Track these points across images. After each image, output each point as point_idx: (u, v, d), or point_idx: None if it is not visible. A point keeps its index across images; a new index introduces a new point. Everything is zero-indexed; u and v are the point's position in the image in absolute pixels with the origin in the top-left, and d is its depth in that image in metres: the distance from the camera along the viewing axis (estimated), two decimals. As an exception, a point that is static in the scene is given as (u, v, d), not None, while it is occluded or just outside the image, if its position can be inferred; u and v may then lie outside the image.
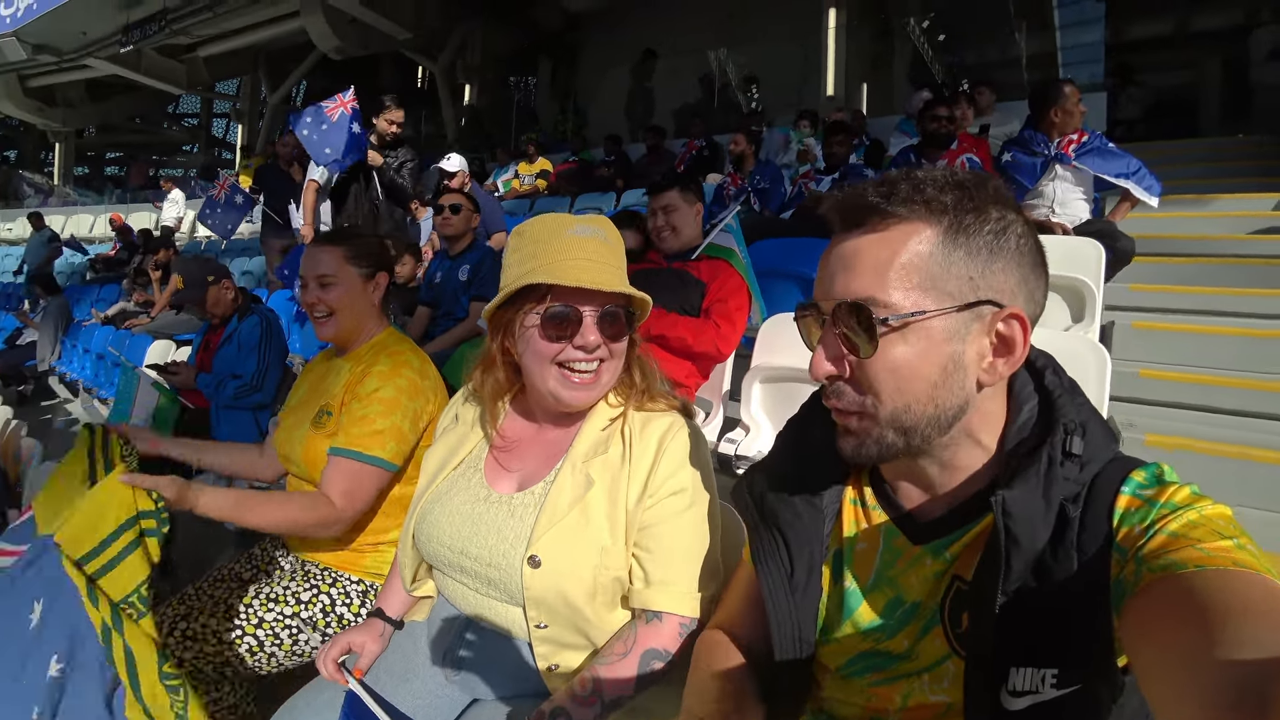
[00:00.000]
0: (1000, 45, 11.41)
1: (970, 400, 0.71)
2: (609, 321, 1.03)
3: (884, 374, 0.69)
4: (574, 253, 1.01)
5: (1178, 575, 0.55)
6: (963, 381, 0.70)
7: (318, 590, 1.51)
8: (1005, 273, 0.69)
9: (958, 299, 0.68)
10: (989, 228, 0.69)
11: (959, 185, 0.70)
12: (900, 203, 0.69)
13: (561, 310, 1.01)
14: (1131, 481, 0.67)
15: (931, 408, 0.70)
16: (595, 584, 0.99)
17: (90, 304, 7.99)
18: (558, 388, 1.04)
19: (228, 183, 6.42)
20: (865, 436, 0.73)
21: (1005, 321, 0.69)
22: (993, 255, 0.69)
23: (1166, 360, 3.04)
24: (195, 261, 3.39)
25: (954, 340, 0.68)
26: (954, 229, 0.68)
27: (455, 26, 12.73)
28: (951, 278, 0.68)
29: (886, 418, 0.71)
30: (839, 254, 0.73)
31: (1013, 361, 0.70)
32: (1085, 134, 3.56)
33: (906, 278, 0.68)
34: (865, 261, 0.70)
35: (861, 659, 0.81)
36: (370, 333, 1.67)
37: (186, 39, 13.46)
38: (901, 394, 0.69)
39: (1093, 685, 0.66)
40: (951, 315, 0.68)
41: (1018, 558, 0.65)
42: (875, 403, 0.71)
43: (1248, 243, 4.14)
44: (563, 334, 1.02)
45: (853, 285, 0.70)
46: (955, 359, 0.69)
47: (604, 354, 1.04)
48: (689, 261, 2.60)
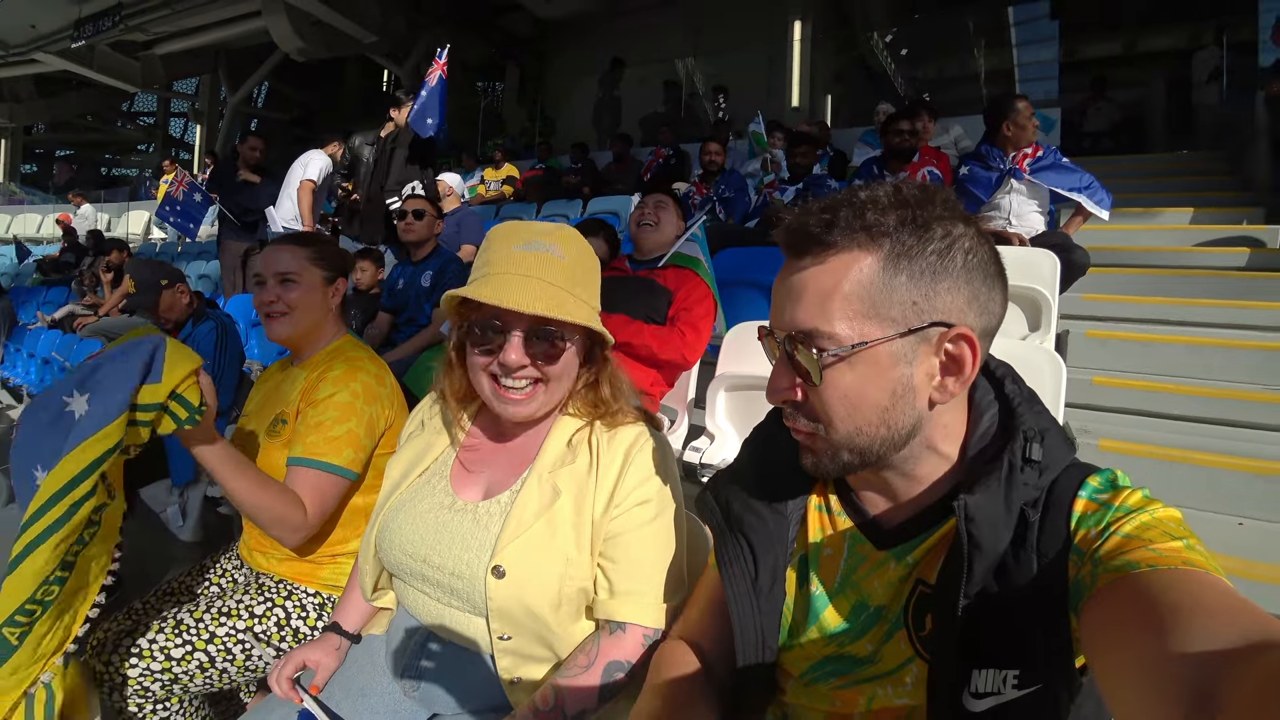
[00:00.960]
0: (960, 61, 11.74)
1: (923, 418, 0.72)
2: (539, 341, 0.99)
3: (833, 402, 0.71)
4: (515, 267, 0.98)
5: (1132, 575, 0.57)
6: (913, 402, 0.71)
7: (272, 604, 1.46)
8: (952, 292, 0.69)
9: (901, 325, 0.69)
10: (932, 248, 0.69)
11: (903, 204, 0.70)
12: (840, 232, 0.70)
13: (486, 324, 1.00)
14: (1088, 486, 0.69)
15: (884, 430, 0.71)
16: (560, 595, 0.98)
17: (36, 306, 7.69)
18: (491, 398, 1.03)
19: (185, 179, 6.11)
20: (822, 455, 0.75)
21: (953, 341, 0.70)
22: (937, 276, 0.69)
23: (1118, 368, 3.14)
24: (148, 264, 3.28)
25: (901, 364, 0.69)
26: (895, 254, 0.68)
27: (422, 32, 12.59)
28: (894, 304, 0.68)
29: (839, 441, 0.73)
30: (786, 284, 0.74)
31: (963, 380, 0.70)
32: (1040, 149, 3.67)
33: (849, 307, 0.69)
34: (809, 293, 0.71)
35: (825, 664, 0.81)
36: (327, 339, 1.64)
37: (143, 35, 13.07)
38: (851, 419, 0.71)
39: (1053, 686, 0.67)
40: (896, 341, 0.69)
41: (980, 561, 0.67)
42: (827, 429, 0.73)
43: (1194, 254, 4.30)
44: (488, 348, 1.01)
45: (798, 316, 0.71)
46: (904, 382, 0.70)
47: (534, 374, 1.01)
48: (655, 269, 2.61)
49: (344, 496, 1.48)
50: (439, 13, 12.52)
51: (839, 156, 6.38)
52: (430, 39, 12.63)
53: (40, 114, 17.83)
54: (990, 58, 11.32)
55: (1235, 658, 0.45)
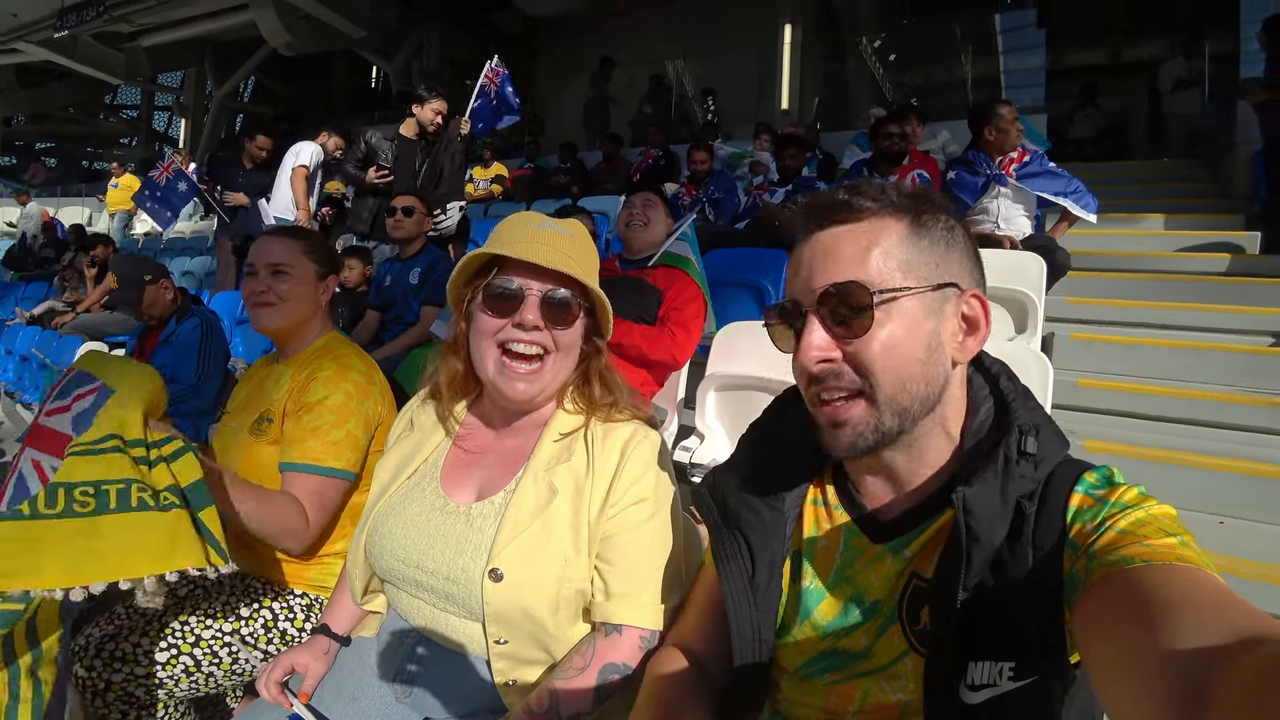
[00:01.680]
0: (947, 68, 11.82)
1: (949, 379, 0.76)
2: (555, 307, 1.01)
3: (879, 351, 0.72)
4: (532, 237, 1.01)
5: (1125, 570, 0.58)
6: (943, 359, 0.75)
7: (259, 605, 1.44)
8: (961, 262, 0.77)
9: (929, 280, 0.74)
10: (942, 224, 0.77)
11: (914, 193, 0.78)
12: (870, 199, 0.76)
13: (505, 284, 1.00)
14: (1084, 482, 0.70)
15: (923, 385, 0.74)
16: (558, 597, 0.97)
17: (14, 302, 7.56)
18: (496, 375, 1.02)
19: (171, 166, 5.93)
20: (863, 426, 0.75)
21: (968, 302, 0.76)
22: (949, 246, 0.77)
23: (1103, 370, 3.19)
24: (131, 260, 3.24)
25: (931, 317, 0.74)
26: (916, 223, 0.76)
27: (411, 28, 12.50)
28: (921, 263, 0.75)
29: (885, 398, 0.73)
30: (817, 247, 0.77)
31: (980, 338, 0.77)
32: (1027, 154, 3.71)
33: (886, 260, 0.74)
34: (845, 250, 0.75)
35: (820, 659, 0.82)
36: (313, 335, 1.62)
37: (127, 26, 12.87)
38: (896, 372, 0.73)
39: (1048, 678, 0.68)
40: (927, 294, 0.74)
41: (978, 553, 0.68)
42: (874, 382, 0.73)
43: (1176, 260, 4.37)
44: (504, 310, 1.00)
45: (839, 270, 0.74)
46: (935, 336, 0.74)
47: (547, 341, 1.02)
48: (645, 269, 2.61)
49: (344, 499, 1.47)
50: (429, 8, 12.44)
51: (828, 159, 6.40)
52: (419, 35, 12.56)
53: (20, 105, 17.53)
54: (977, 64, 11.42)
55: (1226, 653, 0.46)
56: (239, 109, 17.72)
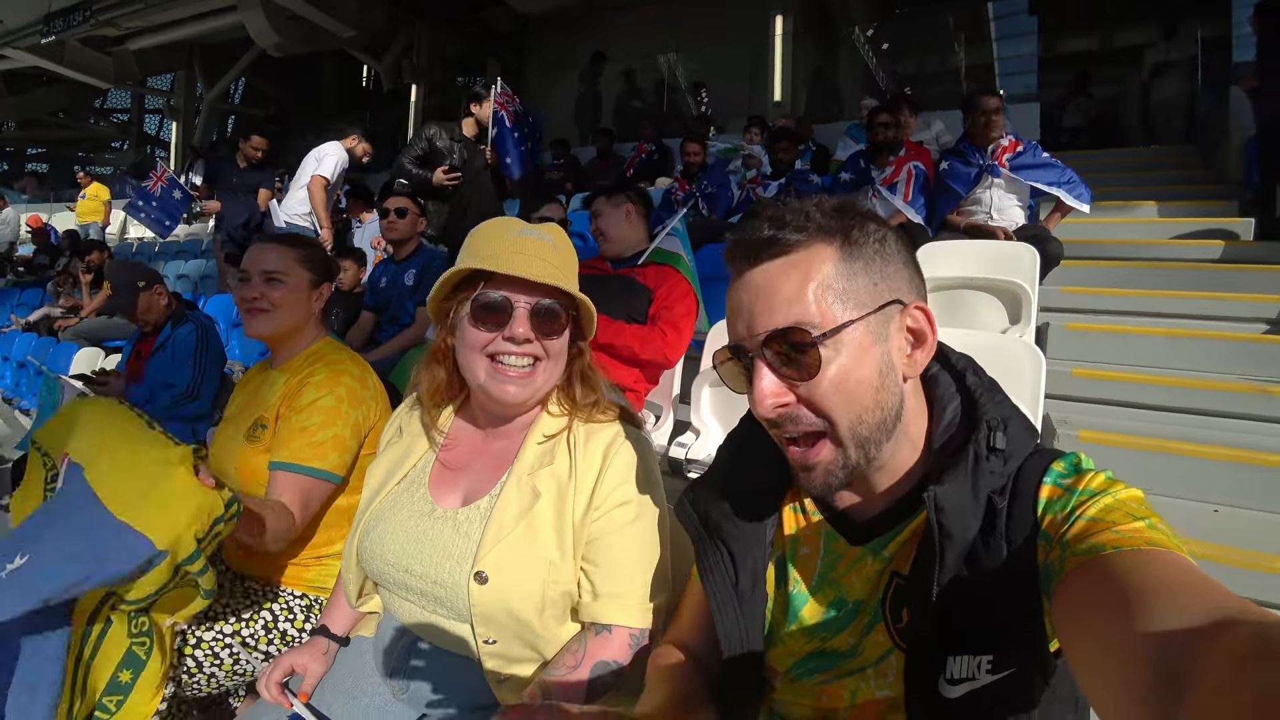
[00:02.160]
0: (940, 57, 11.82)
1: (904, 396, 0.75)
2: (544, 317, 1.01)
3: (832, 390, 0.72)
4: (515, 247, 1.01)
5: (1098, 558, 0.59)
6: (895, 380, 0.74)
7: (259, 606, 1.45)
8: (898, 275, 0.75)
9: (869, 305, 0.73)
10: (872, 239, 0.75)
11: (837, 209, 0.75)
12: (794, 230, 0.73)
13: (493, 298, 1.00)
14: (1052, 472, 0.71)
15: (879, 412, 0.73)
16: (544, 599, 0.98)
17: (10, 308, 7.54)
18: (487, 381, 1.02)
19: (165, 175, 5.88)
20: (833, 466, 0.75)
21: (911, 315, 0.75)
22: (884, 260, 0.75)
23: (1098, 360, 3.19)
24: (125, 266, 3.23)
25: (878, 342, 0.73)
26: (848, 243, 0.74)
27: (401, 26, 12.43)
28: (859, 287, 0.73)
29: (845, 433, 0.73)
30: (750, 288, 0.75)
31: (928, 349, 0.76)
32: (1020, 143, 3.71)
33: (822, 296, 0.72)
34: (781, 288, 0.73)
35: (809, 660, 0.83)
36: (306, 341, 1.62)
37: (115, 30, 12.76)
38: (852, 405, 0.72)
39: (1026, 669, 0.68)
40: (869, 319, 0.72)
41: (951, 550, 0.68)
42: (832, 420, 0.73)
43: (1169, 247, 4.37)
44: (493, 323, 1.00)
45: (777, 315, 0.72)
46: (885, 359, 0.73)
47: (538, 351, 1.03)
48: (635, 267, 2.59)
49: (328, 499, 1.47)
50: (418, 7, 12.37)
51: (821, 151, 6.39)
52: (409, 34, 12.50)
53: (9, 112, 17.40)
54: (970, 53, 11.42)
55: (1200, 636, 0.46)
56: (230, 110, 17.61)
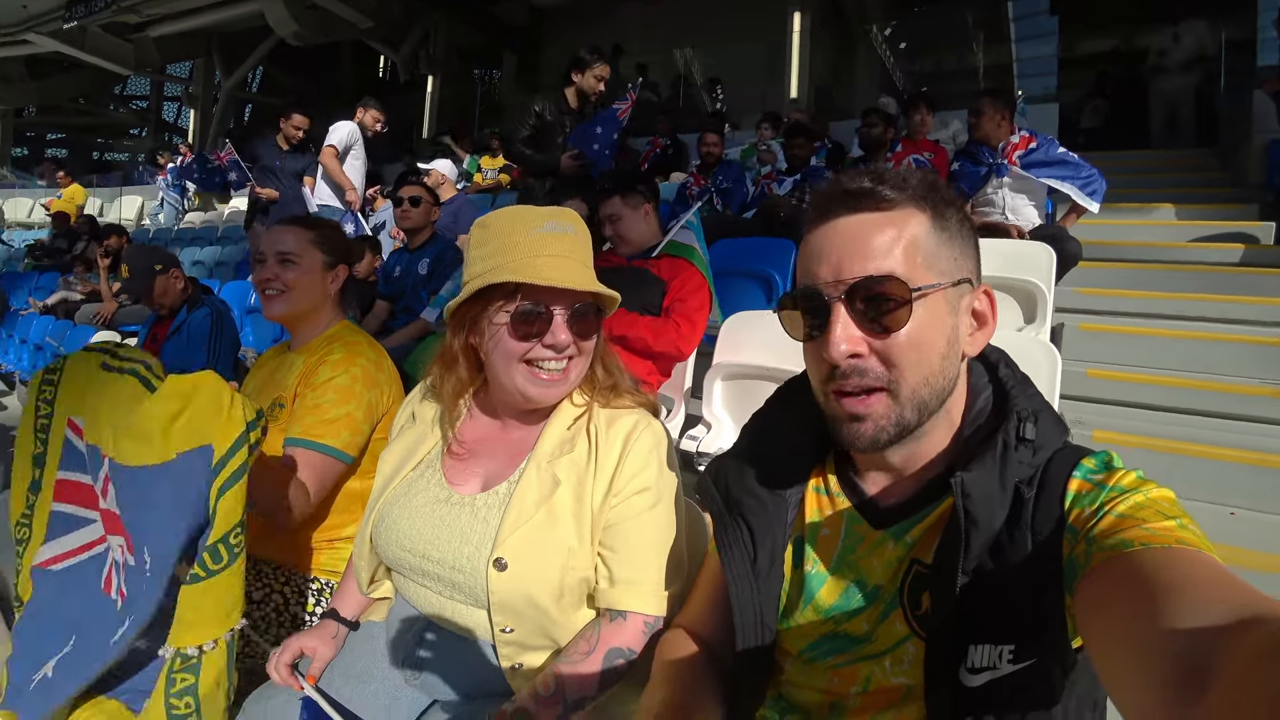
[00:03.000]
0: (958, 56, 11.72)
1: (959, 372, 0.76)
2: (579, 320, 1.02)
3: (907, 347, 0.72)
4: (544, 249, 0.99)
5: (1125, 554, 0.58)
6: (958, 353, 0.76)
7: (270, 589, 1.46)
8: (972, 256, 0.77)
9: (950, 275, 0.74)
10: (956, 216, 0.76)
11: (927, 183, 0.76)
12: (894, 189, 0.74)
13: (532, 309, 0.99)
14: (1083, 467, 0.70)
15: (941, 380, 0.74)
16: (562, 585, 0.98)
17: (28, 292, 7.62)
18: (526, 385, 1.02)
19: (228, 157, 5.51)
20: (884, 421, 0.74)
21: (979, 297, 0.77)
22: (964, 239, 0.77)
23: (1113, 361, 3.17)
24: (142, 250, 3.26)
25: (951, 313, 0.74)
26: (937, 215, 0.75)
27: (418, 18, 12.47)
28: (943, 257, 0.74)
29: (908, 392, 0.73)
30: (844, 234, 0.74)
31: (987, 333, 0.78)
32: (1033, 140, 3.63)
33: (915, 255, 0.73)
34: (875, 241, 0.73)
35: (823, 642, 0.82)
36: (324, 324, 1.64)
37: (135, 17, 12.86)
38: (921, 366, 0.73)
39: (1047, 661, 0.68)
40: (948, 290, 0.74)
41: (976, 538, 0.68)
42: (899, 376, 0.72)
43: (1188, 250, 4.33)
44: (532, 332, 1.00)
45: (871, 263, 0.72)
46: (954, 331, 0.75)
47: (573, 352, 1.03)
48: (649, 259, 2.59)
49: (339, 480, 1.48)
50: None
51: (836, 148, 6.35)
52: (426, 24, 12.53)
53: (31, 97, 17.58)
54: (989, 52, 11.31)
55: (1226, 633, 0.46)
56: (247, 99, 17.74)
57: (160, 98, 20.68)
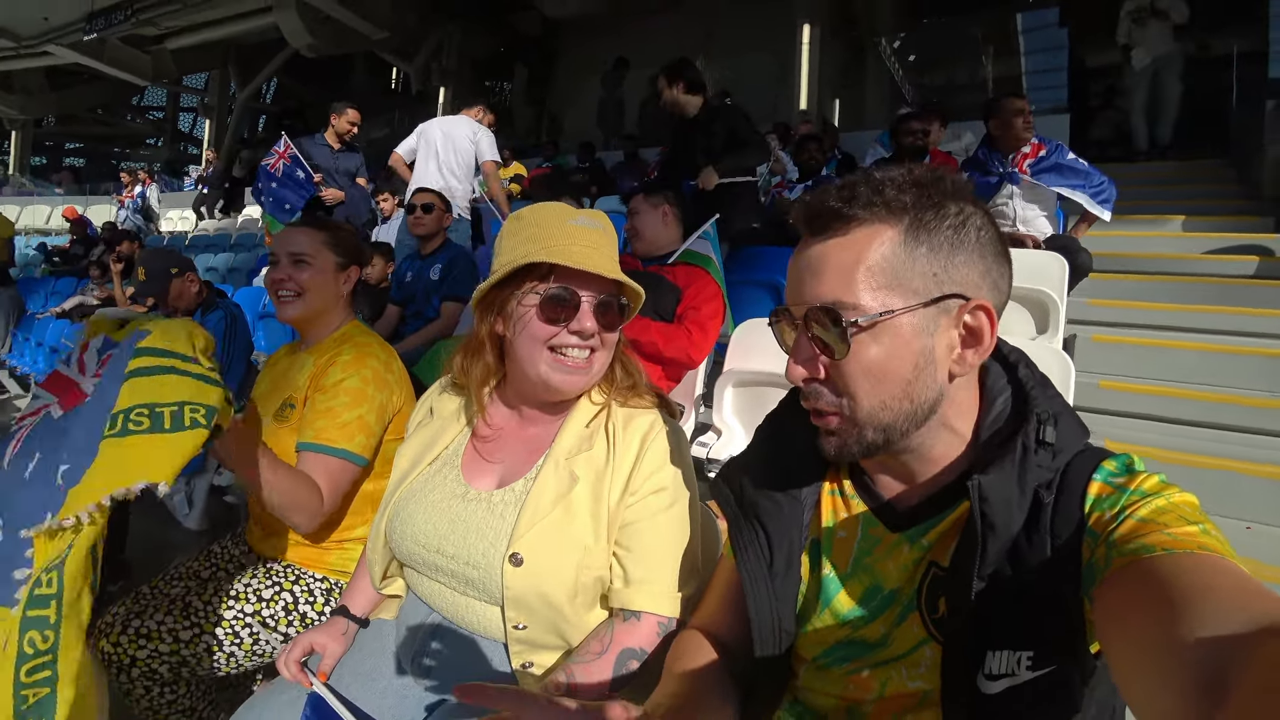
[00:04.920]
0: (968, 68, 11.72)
1: (943, 392, 0.73)
2: (605, 310, 1.02)
3: (858, 375, 0.71)
4: (577, 239, 1.01)
5: (1145, 559, 0.57)
6: (934, 375, 0.71)
7: (280, 588, 1.47)
8: (968, 265, 0.71)
9: (923, 295, 0.70)
10: (948, 223, 0.71)
11: (917, 184, 0.72)
12: (861, 206, 0.71)
13: (561, 292, 1.00)
14: (1103, 470, 0.69)
15: (908, 404, 0.71)
16: (577, 584, 0.97)
17: (45, 296, 7.72)
18: (549, 372, 1.02)
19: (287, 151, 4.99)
20: (846, 437, 0.74)
21: (972, 313, 0.71)
22: (954, 249, 0.71)
23: (1126, 373, 3.14)
24: (158, 253, 3.29)
25: (923, 335, 0.70)
26: (914, 226, 0.70)
27: (431, 29, 12.61)
28: (915, 275, 0.70)
29: (864, 417, 0.72)
30: (805, 259, 0.74)
31: (981, 351, 0.72)
32: (1043, 147, 3.56)
33: (872, 279, 0.70)
34: (831, 266, 0.71)
35: (839, 648, 0.82)
36: (335, 324, 1.65)
37: (154, 29, 13.10)
38: (877, 393, 0.71)
39: (1067, 667, 0.67)
40: (918, 311, 0.70)
41: (994, 542, 0.67)
42: (851, 403, 0.72)
43: (1202, 262, 4.30)
44: (560, 317, 1.00)
45: (821, 290, 0.71)
46: (926, 354, 0.70)
47: (596, 343, 1.03)
48: (665, 265, 2.60)
49: (354, 482, 1.48)
50: (449, 10, 12.54)
51: (847, 159, 6.37)
52: (439, 36, 12.66)
53: (50, 107, 17.89)
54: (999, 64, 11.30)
55: (1248, 642, 0.45)
56: (262, 110, 17.97)
57: (176, 108, 21.02)
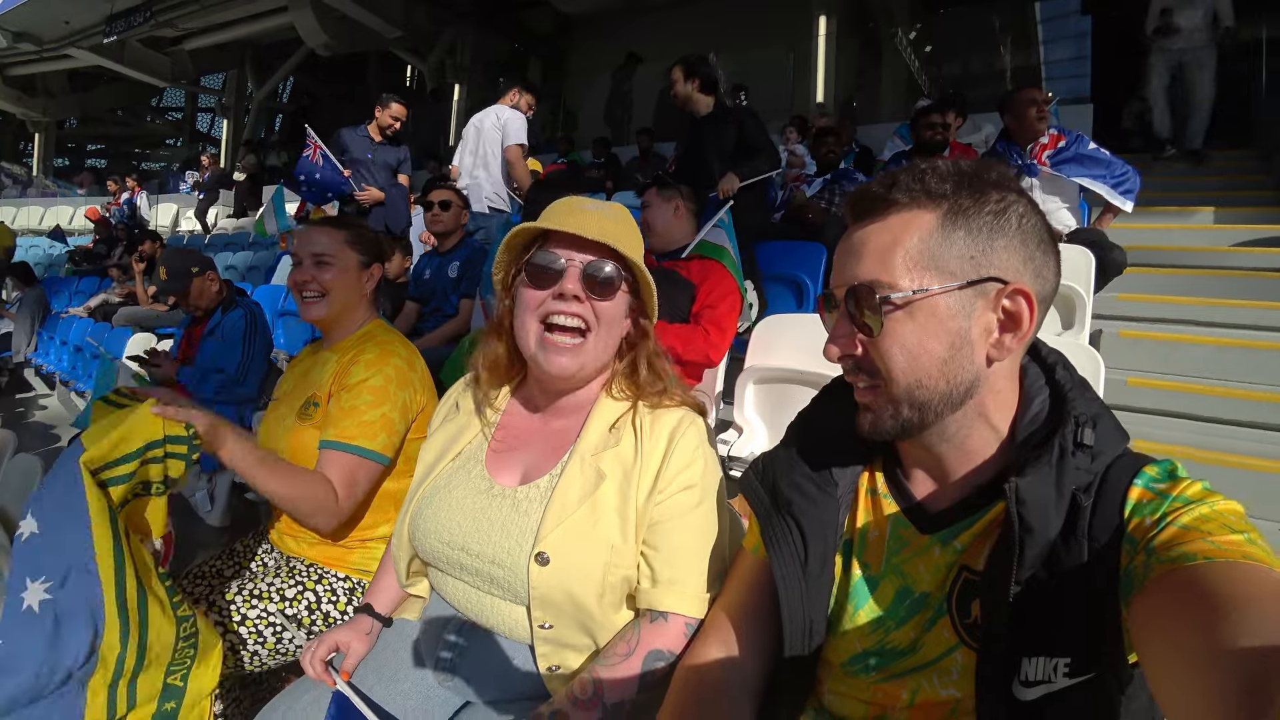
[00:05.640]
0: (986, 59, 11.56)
1: (980, 376, 0.73)
2: (595, 278, 1.01)
3: (894, 351, 0.72)
4: (576, 213, 1.03)
5: (1187, 567, 0.56)
6: (971, 356, 0.72)
7: (303, 587, 1.47)
8: (1008, 250, 0.71)
9: (960, 277, 0.71)
10: (989, 209, 0.72)
11: (959, 173, 0.74)
12: (901, 191, 0.73)
13: (547, 255, 1.01)
14: (1144, 475, 0.68)
15: (943, 383, 0.72)
16: (604, 583, 0.96)
17: (69, 295, 7.84)
18: (538, 350, 1.02)
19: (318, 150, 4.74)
20: (881, 413, 0.76)
21: (1010, 297, 0.71)
22: (993, 234, 0.71)
23: (1153, 369, 3.08)
24: (180, 253, 3.32)
25: (959, 316, 0.71)
26: (953, 212, 0.72)
27: (445, 27, 12.65)
28: (953, 258, 0.71)
29: (900, 394, 0.74)
30: (848, 244, 0.77)
31: (1021, 336, 0.72)
32: (1063, 137, 3.43)
33: (909, 260, 0.71)
34: (870, 247, 0.74)
35: (865, 656, 0.80)
36: (358, 323, 1.65)
37: (172, 31, 13.27)
38: (912, 370, 0.72)
39: (1104, 676, 0.65)
40: (954, 293, 0.71)
41: (1031, 546, 0.66)
42: (887, 381, 0.74)
43: (1230, 255, 4.21)
44: (546, 281, 1.01)
45: (860, 270, 0.74)
46: (962, 335, 0.71)
47: (588, 315, 1.02)
48: (679, 260, 2.57)
49: (375, 481, 1.48)
50: (461, 8, 12.56)
51: (864, 151, 6.31)
52: (453, 34, 12.69)
53: (72, 109, 18.20)
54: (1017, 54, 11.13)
55: None
56: (278, 109, 18.13)
57: (195, 108, 21.26)
